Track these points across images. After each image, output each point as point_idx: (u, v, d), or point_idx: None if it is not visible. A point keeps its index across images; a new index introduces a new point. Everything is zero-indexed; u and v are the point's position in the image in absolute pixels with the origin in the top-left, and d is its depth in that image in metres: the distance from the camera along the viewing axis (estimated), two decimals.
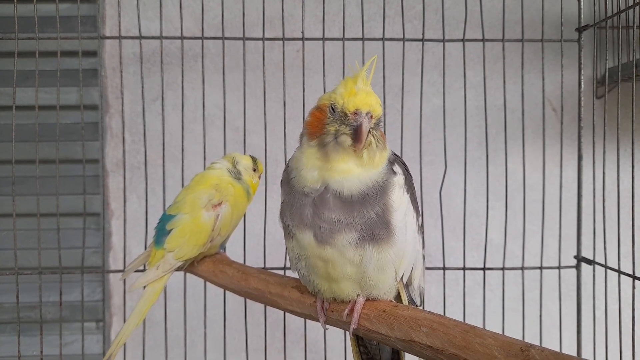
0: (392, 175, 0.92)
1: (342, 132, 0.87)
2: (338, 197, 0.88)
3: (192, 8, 1.82)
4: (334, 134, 0.88)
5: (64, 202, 1.69)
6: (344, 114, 0.87)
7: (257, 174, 1.35)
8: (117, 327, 1.85)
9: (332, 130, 0.88)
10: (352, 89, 0.88)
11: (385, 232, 0.89)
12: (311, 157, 0.91)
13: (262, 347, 1.62)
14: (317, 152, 0.90)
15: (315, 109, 0.94)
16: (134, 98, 1.82)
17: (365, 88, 0.89)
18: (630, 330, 1.27)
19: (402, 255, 0.93)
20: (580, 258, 1.58)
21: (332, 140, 0.88)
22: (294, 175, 0.94)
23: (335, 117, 0.88)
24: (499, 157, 1.70)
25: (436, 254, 1.77)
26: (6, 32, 1.53)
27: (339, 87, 0.91)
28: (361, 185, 0.89)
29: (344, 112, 0.87)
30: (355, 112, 0.87)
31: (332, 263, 0.90)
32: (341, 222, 0.88)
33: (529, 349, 0.73)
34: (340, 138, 0.88)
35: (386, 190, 0.90)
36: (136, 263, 1.29)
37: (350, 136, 0.87)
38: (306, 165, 0.91)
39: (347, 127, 0.87)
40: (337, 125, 0.88)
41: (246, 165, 1.32)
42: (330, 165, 0.89)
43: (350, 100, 0.87)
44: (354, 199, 0.88)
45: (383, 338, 0.91)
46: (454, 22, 1.80)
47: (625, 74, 1.51)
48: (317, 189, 0.90)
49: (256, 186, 1.34)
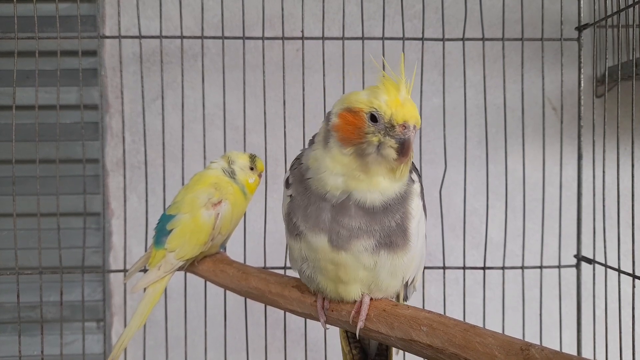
0: (412, 184, 0.91)
1: (387, 145, 0.82)
2: (360, 206, 0.86)
3: (191, 7, 1.82)
4: (377, 145, 0.83)
5: (64, 202, 1.70)
6: (391, 126, 0.82)
7: (256, 172, 1.31)
8: (118, 326, 1.85)
9: (374, 141, 0.83)
10: (397, 99, 0.83)
11: (402, 239, 0.88)
12: (340, 163, 0.86)
13: (262, 347, 1.62)
14: (352, 161, 0.85)
15: (347, 112, 0.86)
16: (134, 97, 1.82)
17: (409, 97, 0.84)
18: (631, 329, 1.27)
19: (411, 260, 0.92)
20: (580, 257, 1.58)
21: (374, 152, 0.83)
22: (311, 176, 0.90)
23: (379, 127, 0.83)
24: (499, 156, 1.70)
25: (436, 253, 1.78)
26: (6, 32, 1.53)
27: (381, 92, 0.84)
28: (384, 197, 0.86)
29: (392, 123, 0.82)
30: (403, 125, 0.82)
31: (344, 267, 0.89)
32: (361, 230, 0.86)
33: (529, 348, 0.73)
34: (384, 151, 0.83)
35: (407, 199, 0.89)
36: (138, 265, 1.29)
37: (396, 150, 0.82)
38: (331, 170, 0.87)
39: (394, 139, 0.82)
40: (381, 136, 0.83)
41: (242, 165, 1.29)
42: (365, 177, 0.85)
43: (399, 112, 0.82)
44: (376, 210, 0.86)
45: (383, 337, 0.91)
46: (453, 21, 1.80)
47: (625, 73, 1.51)
48: (337, 195, 0.87)
49: (254, 185, 1.30)
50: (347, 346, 1.11)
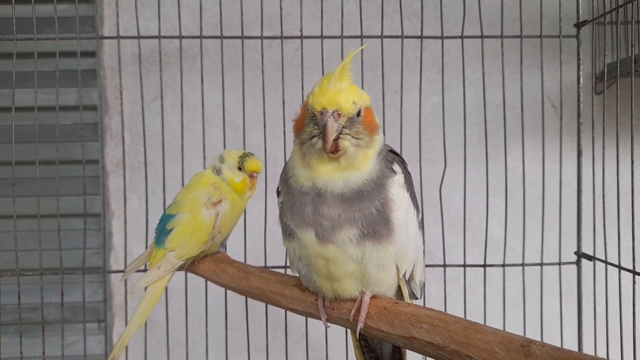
0: (392, 174, 0.91)
1: (314, 134, 0.85)
2: (334, 194, 0.87)
3: (190, 7, 1.82)
4: (309, 134, 0.86)
5: (64, 203, 1.70)
6: (313, 115, 0.85)
7: (244, 173, 1.27)
8: (119, 327, 1.85)
9: (307, 131, 0.87)
10: (324, 87, 0.85)
11: (385, 229, 0.88)
12: (298, 156, 0.91)
13: (263, 346, 1.63)
14: (298, 152, 0.90)
15: (302, 107, 0.91)
16: (133, 98, 1.82)
17: (338, 85, 0.85)
18: (631, 326, 1.27)
19: (404, 252, 0.92)
20: (580, 254, 1.58)
21: (307, 141, 0.87)
22: (291, 174, 0.93)
23: (309, 117, 0.86)
24: (499, 153, 1.70)
25: (437, 252, 1.78)
26: (4, 34, 1.53)
27: (315, 85, 0.88)
28: (350, 185, 0.87)
29: (313, 112, 0.85)
30: (321, 112, 0.84)
31: (333, 261, 0.89)
32: (341, 218, 0.87)
33: (530, 345, 0.73)
34: (313, 140, 0.86)
35: (384, 186, 0.89)
36: (137, 263, 1.29)
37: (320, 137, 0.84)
38: (297, 163, 0.91)
39: (318, 128, 0.85)
40: (312, 126, 0.86)
41: (231, 164, 1.27)
42: (315, 167, 0.87)
43: (318, 100, 0.84)
44: (351, 196, 0.87)
45: (384, 335, 0.91)
46: (452, 19, 1.80)
47: (624, 70, 1.51)
48: (311, 186, 0.88)
49: (240, 185, 1.26)
50: (361, 356, 1.11)
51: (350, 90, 0.87)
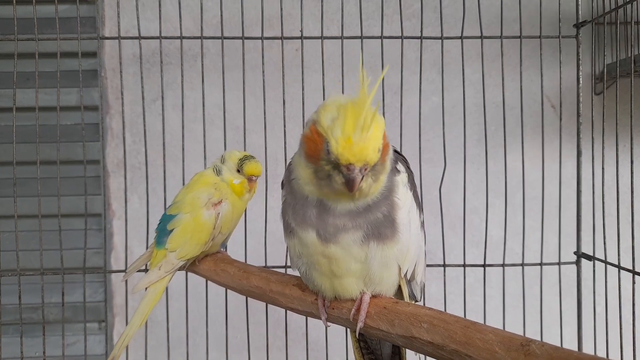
0: (396, 174, 0.91)
1: (335, 177, 0.81)
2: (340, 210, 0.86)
3: (190, 8, 1.82)
4: (328, 173, 0.82)
5: (65, 203, 1.70)
6: (338, 164, 0.79)
7: (242, 175, 1.26)
8: (120, 327, 1.85)
9: (326, 169, 0.82)
10: (348, 138, 0.77)
11: (390, 230, 0.88)
12: (306, 174, 0.86)
13: (264, 346, 1.63)
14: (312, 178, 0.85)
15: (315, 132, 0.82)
16: (134, 98, 1.82)
17: (364, 136, 0.77)
18: (631, 326, 1.27)
19: (406, 252, 0.92)
20: (580, 254, 1.59)
21: (325, 178, 0.83)
22: (294, 177, 0.91)
23: (330, 158, 0.80)
24: (498, 154, 1.70)
25: (436, 251, 1.78)
26: (6, 34, 1.53)
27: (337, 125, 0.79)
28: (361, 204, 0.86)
29: (338, 162, 0.79)
30: (347, 167, 0.79)
31: (335, 260, 0.89)
32: (347, 226, 0.86)
33: (530, 344, 0.74)
34: (333, 182, 0.82)
35: (391, 190, 0.89)
36: (137, 264, 1.30)
37: (343, 183, 0.80)
38: (303, 177, 0.87)
39: (341, 175, 0.80)
40: (331, 168, 0.81)
41: (230, 166, 1.26)
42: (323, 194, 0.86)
43: (345, 153, 0.78)
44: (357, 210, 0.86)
45: (384, 334, 0.91)
46: (452, 20, 1.80)
47: (623, 70, 1.51)
48: (315, 198, 0.87)
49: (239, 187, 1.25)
50: (360, 358, 1.11)
51: (375, 136, 0.79)
